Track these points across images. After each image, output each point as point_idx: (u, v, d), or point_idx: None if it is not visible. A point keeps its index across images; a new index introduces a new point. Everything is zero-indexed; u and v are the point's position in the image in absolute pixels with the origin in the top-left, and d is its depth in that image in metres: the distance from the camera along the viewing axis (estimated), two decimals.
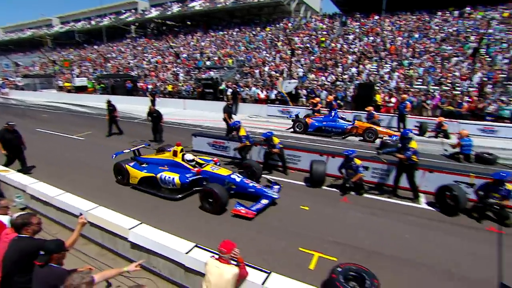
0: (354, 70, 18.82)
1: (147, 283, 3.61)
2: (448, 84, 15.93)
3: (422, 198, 6.45)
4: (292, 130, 13.04)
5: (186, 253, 3.66)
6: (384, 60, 19.18)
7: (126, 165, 7.12)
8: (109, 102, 12.11)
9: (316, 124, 12.62)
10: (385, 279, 3.59)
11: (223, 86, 19.87)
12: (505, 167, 8.23)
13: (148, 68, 28.96)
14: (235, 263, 3.03)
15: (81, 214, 3.46)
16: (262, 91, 18.31)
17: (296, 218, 5.76)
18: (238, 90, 18.58)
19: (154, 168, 7.00)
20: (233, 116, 12.61)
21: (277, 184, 7.04)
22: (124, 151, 7.62)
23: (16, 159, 7.84)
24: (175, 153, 7.02)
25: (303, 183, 7.39)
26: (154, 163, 7.22)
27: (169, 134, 11.96)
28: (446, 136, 11.62)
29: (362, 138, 11.79)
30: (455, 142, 9.28)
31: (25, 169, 7.83)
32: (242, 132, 8.13)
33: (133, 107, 19.86)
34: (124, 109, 19.10)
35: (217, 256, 3.09)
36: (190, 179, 6.55)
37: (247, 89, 19.25)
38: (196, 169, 6.81)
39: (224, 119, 11.33)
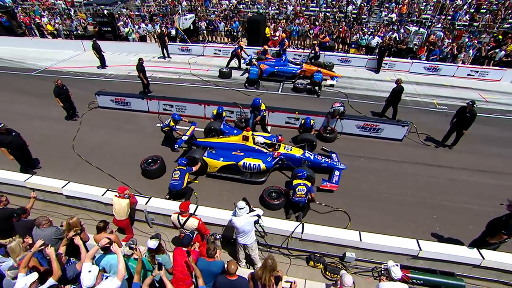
0: None
1: (84, 214, 6.40)
2: None
3: None
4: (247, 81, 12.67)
5: (102, 195, 6.38)
6: None
7: (203, 157, 7.33)
8: None
9: (270, 69, 12.84)
10: None
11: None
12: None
13: None
14: (127, 196, 5.87)
15: (33, 191, 5.53)
16: (161, 28, 17.96)
17: None
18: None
19: (227, 154, 7.40)
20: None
21: (333, 152, 8.08)
22: (183, 139, 7.86)
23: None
24: (246, 138, 7.42)
25: None
26: (221, 148, 7.56)
27: (73, 89, 10.62)
28: None
29: (310, 81, 12.28)
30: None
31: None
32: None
33: (21, 52, 17.65)
34: (8, 56, 16.68)
35: (118, 195, 5.87)
36: (273, 163, 7.26)
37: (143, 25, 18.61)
38: (275, 152, 7.39)
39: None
